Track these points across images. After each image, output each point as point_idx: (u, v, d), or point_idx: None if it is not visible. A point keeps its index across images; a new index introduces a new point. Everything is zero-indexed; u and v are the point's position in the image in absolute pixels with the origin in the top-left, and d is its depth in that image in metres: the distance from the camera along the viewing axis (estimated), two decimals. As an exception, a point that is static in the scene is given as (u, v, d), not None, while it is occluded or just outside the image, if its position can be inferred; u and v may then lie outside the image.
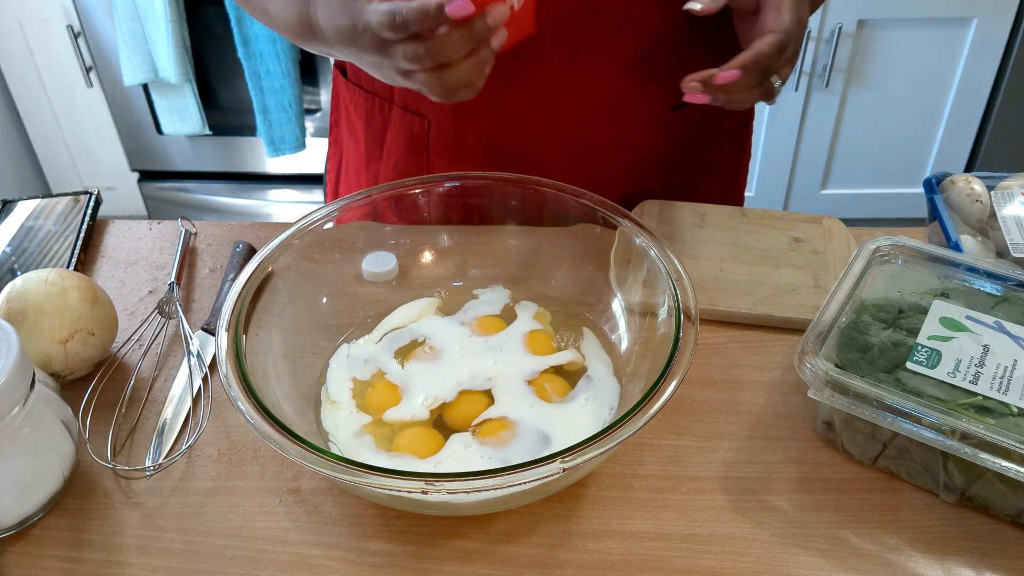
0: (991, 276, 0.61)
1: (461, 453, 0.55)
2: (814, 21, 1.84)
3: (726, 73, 0.60)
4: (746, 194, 2.33)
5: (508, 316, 0.66)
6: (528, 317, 0.65)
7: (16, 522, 0.53)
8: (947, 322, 0.56)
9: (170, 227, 0.80)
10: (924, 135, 2.01)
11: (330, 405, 0.59)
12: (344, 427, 0.57)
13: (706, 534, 0.53)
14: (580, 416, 0.57)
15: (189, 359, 0.64)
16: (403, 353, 0.63)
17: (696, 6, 0.61)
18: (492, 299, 0.67)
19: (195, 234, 0.79)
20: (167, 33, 1.84)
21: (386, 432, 0.57)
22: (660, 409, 0.48)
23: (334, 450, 0.55)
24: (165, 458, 0.58)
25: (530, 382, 0.59)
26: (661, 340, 0.56)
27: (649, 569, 0.51)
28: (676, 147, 0.81)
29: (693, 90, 0.62)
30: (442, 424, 0.58)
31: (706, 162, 0.86)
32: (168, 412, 0.61)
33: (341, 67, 0.87)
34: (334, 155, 0.93)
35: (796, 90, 1.93)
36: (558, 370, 0.61)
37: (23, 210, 0.80)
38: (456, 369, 0.61)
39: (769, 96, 0.64)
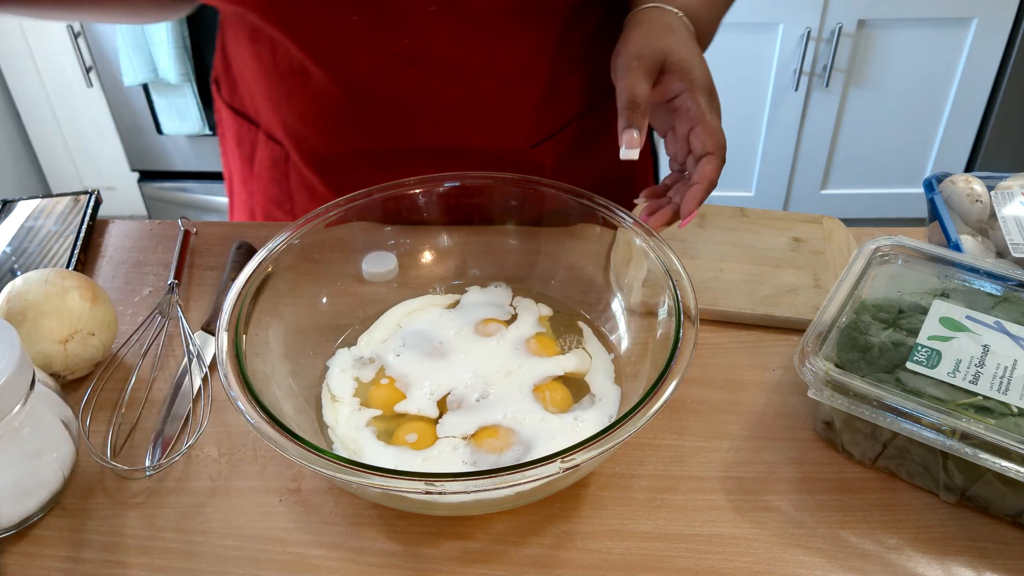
0: (991, 276, 0.61)
1: (449, 455, 0.55)
2: (814, 21, 1.84)
3: (690, 218, 0.61)
4: (746, 194, 2.33)
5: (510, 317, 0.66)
6: (529, 318, 0.65)
7: (16, 522, 0.53)
8: (947, 322, 0.56)
9: (170, 227, 0.80)
10: (924, 135, 2.01)
11: (331, 402, 0.59)
12: (345, 421, 0.57)
13: (706, 534, 0.53)
14: (575, 437, 0.56)
15: (189, 360, 0.64)
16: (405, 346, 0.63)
17: (632, 155, 0.60)
18: (493, 300, 0.67)
19: (195, 233, 0.79)
20: (167, 33, 1.84)
21: (389, 427, 0.57)
22: (660, 409, 0.48)
23: (335, 442, 0.56)
24: (165, 458, 0.58)
25: (535, 388, 0.59)
26: (661, 340, 0.56)
27: (649, 569, 0.51)
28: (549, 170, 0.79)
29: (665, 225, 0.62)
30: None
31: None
32: (168, 412, 0.61)
33: (216, 80, 0.87)
34: (225, 165, 0.93)
35: (796, 90, 1.93)
36: (561, 379, 0.60)
37: (23, 210, 0.80)
38: (460, 367, 0.61)
39: None
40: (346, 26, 0.68)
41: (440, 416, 0.57)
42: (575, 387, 0.60)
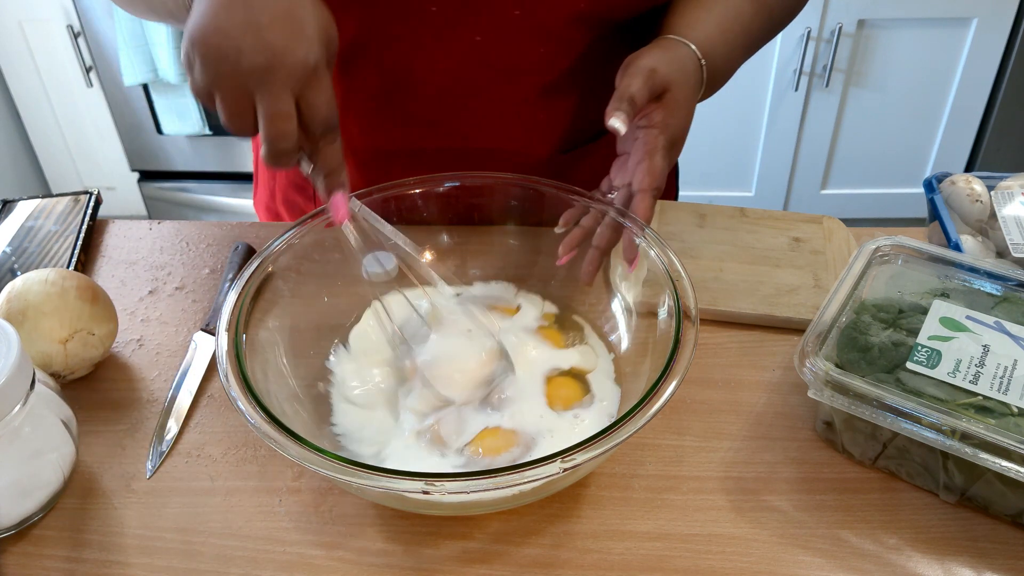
0: (991, 276, 0.61)
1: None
2: (814, 21, 1.84)
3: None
4: (746, 194, 2.32)
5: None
6: (534, 311, 0.65)
7: (16, 522, 0.53)
8: (947, 322, 0.56)
9: (170, 227, 0.80)
10: (924, 135, 2.01)
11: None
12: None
13: (706, 534, 0.53)
14: (574, 436, 0.56)
15: (185, 366, 0.64)
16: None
17: (618, 125, 0.60)
18: (496, 293, 0.67)
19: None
20: (167, 33, 1.84)
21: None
22: (660, 409, 0.48)
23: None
24: (164, 459, 0.58)
25: (547, 379, 0.59)
26: (661, 340, 0.56)
27: (649, 569, 0.51)
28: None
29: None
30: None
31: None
32: (168, 412, 0.61)
33: None
34: (254, 146, 0.93)
35: (796, 90, 1.93)
36: (568, 373, 0.60)
37: (23, 210, 0.80)
38: (471, 344, 0.60)
39: None
40: (422, 16, 0.68)
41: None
42: (578, 384, 0.60)
